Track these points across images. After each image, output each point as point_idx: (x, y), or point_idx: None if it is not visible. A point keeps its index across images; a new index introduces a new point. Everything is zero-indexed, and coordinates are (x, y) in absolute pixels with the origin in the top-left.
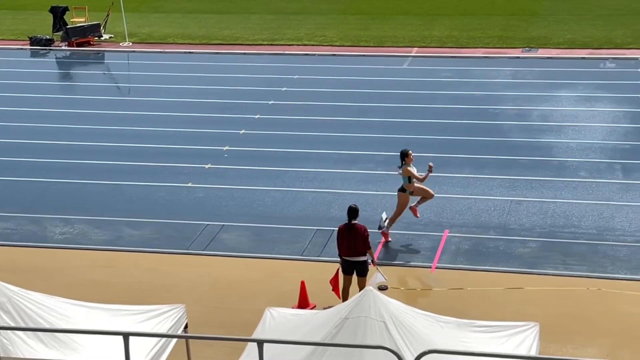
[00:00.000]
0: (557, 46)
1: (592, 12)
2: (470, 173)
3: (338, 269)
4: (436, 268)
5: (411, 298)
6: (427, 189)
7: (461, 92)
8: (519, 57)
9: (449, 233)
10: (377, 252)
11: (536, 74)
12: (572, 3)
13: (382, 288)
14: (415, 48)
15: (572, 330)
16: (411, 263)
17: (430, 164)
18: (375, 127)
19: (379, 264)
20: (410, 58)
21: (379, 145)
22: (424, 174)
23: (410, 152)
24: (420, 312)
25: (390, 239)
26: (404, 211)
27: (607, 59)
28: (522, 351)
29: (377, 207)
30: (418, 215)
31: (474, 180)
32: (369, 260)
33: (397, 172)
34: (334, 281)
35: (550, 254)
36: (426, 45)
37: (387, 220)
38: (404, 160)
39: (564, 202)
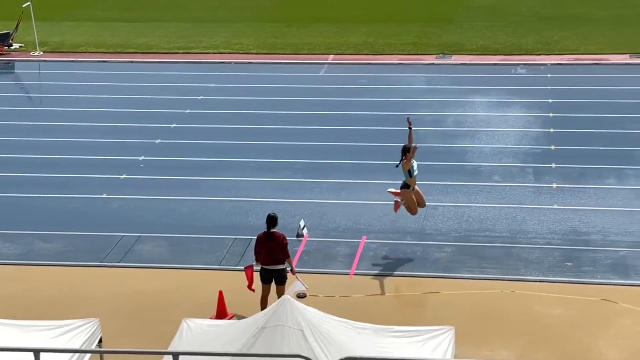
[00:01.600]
0: (470, 52)
1: (503, 19)
2: (387, 179)
3: (252, 265)
4: (354, 274)
5: (329, 305)
6: (422, 194)
7: (377, 99)
8: (433, 64)
9: (366, 239)
10: (296, 260)
11: (450, 80)
12: (485, 10)
13: (300, 296)
14: (331, 55)
15: (488, 332)
16: (329, 270)
17: (408, 118)
18: (292, 135)
19: (298, 272)
20: (326, 65)
21: (297, 153)
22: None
23: (412, 147)
24: (338, 319)
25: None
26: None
27: (518, 64)
28: (437, 355)
29: (296, 215)
30: (397, 211)
31: (390, 186)
32: (288, 269)
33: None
34: (249, 273)
35: (465, 258)
36: (342, 52)
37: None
38: (405, 156)
39: (478, 206)
